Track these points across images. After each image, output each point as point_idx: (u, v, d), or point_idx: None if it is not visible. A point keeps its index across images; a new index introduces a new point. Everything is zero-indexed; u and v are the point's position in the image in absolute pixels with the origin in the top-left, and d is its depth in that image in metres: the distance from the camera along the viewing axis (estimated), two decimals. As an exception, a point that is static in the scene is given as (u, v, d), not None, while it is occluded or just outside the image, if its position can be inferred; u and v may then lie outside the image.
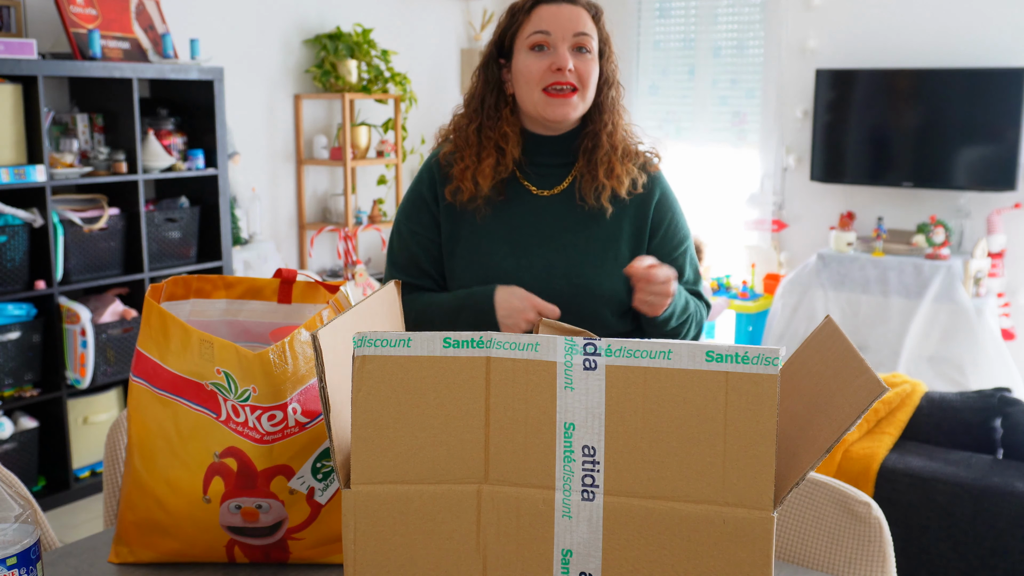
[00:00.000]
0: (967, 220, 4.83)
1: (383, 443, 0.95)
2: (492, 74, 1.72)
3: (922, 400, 2.79)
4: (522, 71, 1.66)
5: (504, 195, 1.72)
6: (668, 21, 5.57)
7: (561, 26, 1.64)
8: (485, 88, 1.72)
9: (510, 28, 1.69)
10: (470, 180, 1.70)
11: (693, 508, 0.92)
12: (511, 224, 1.72)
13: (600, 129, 1.70)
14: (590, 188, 1.70)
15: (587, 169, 1.70)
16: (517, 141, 1.70)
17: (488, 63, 1.73)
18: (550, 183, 1.74)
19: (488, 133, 1.70)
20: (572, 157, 1.73)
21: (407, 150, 5.33)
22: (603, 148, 1.69)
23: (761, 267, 5.41)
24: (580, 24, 1.65)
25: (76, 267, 3.62)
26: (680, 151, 5.56)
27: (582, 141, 1.72)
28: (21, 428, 3.50)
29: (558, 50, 1.64)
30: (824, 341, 1.07)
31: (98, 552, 1.34)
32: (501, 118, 1.70)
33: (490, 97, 1.71)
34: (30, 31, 3.64)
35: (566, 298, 1.67)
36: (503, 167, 1.70)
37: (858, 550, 1.41)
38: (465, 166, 1.71)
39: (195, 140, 4.04)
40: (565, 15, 1.64)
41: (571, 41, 1.64)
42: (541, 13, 1.65)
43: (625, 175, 1.70)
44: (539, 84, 1.65)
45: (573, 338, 0.93)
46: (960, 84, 4.68)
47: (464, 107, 1.77)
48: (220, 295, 1.43)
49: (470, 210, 1.73)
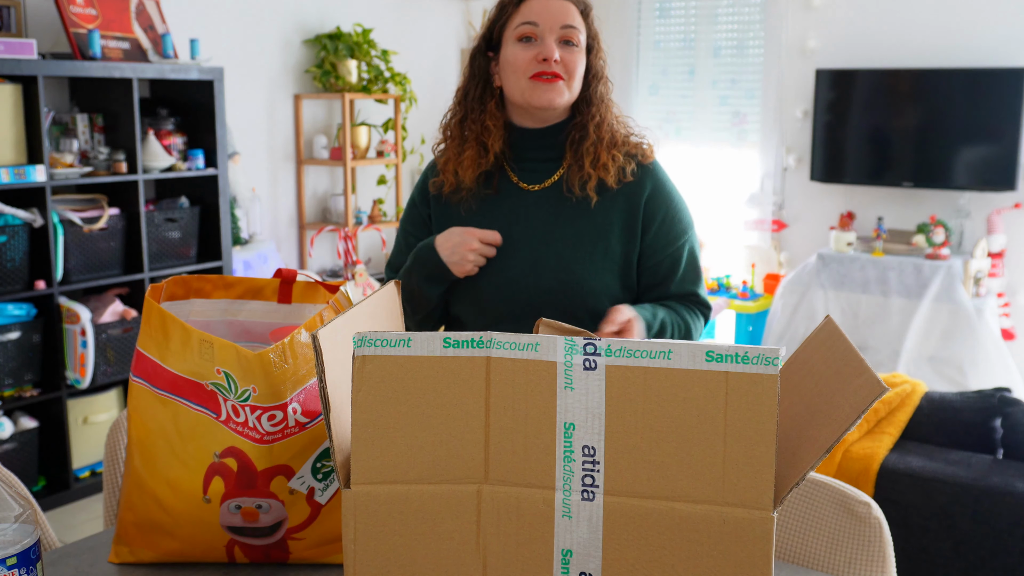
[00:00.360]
0: (967, 220, 4.83)
1: (383, 443, 0.95)
2: (479, 67, 1.74)
3: (922, 400, 2.79)
4: (509, 60, 1.68)
5: (493, 190, 1.74)
6: (668, 21, 5.57)
7: (549, 18, 1.66)
8: (471, 81, 1.75)
9: (499, 21, 1.71)
10: (451, 172, 1.73)
11: (693, 508, 0.92)
12: (498, 219, 1.73)
13: (587, 121, 1.70)
14: (576, 178, 1.70)
15: (574, 160, 1.71)
16: (500, 135, 1.72)
17: (476, 56, 1.75)
18: (538, 178, 1.74)
19: (471, 126, 1.73)
20: (560, 151, 1.73)
21: (407, 150, 5.33)
22: (590, 138, 1.69)
23: (761, 267, 5.41)
24: (568, 17, 1.67)
25: (76, 267, 3.62)
26: (680, 151, 5.57)
27: (569, 133, 1.72)
28: (21, 428, 3.50)
29: (545, 41, 1.65)
30: (824, 341, 1.07)
31: (98, 552, 1.34)
32: (485, 111, 1.72)
33: (475, 90, 1.74)
34: (30, 31, 3.64)
35: (555, 294, 1.68)
36: (484, 160, 1.72)
37: (858, 550, 1.41)
38: (447, 158, 1.75)
39: (195, 140, 4.04)
40: (554, 8, 1.66)
41: (558, 33, 1.66)
42: (531, 5, 1.67)
43: (612, 163, 1.69)
44: (525, 73, 1.66)
45: (573, 338, 0.93)
46: (960, 84, 4.68)
47: (453, 100, 1.80)
48: (220, 295, 1.43)
49: (455, 203, 1.75)
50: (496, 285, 1.70)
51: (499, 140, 1.72)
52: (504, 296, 1.69)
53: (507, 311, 1.69)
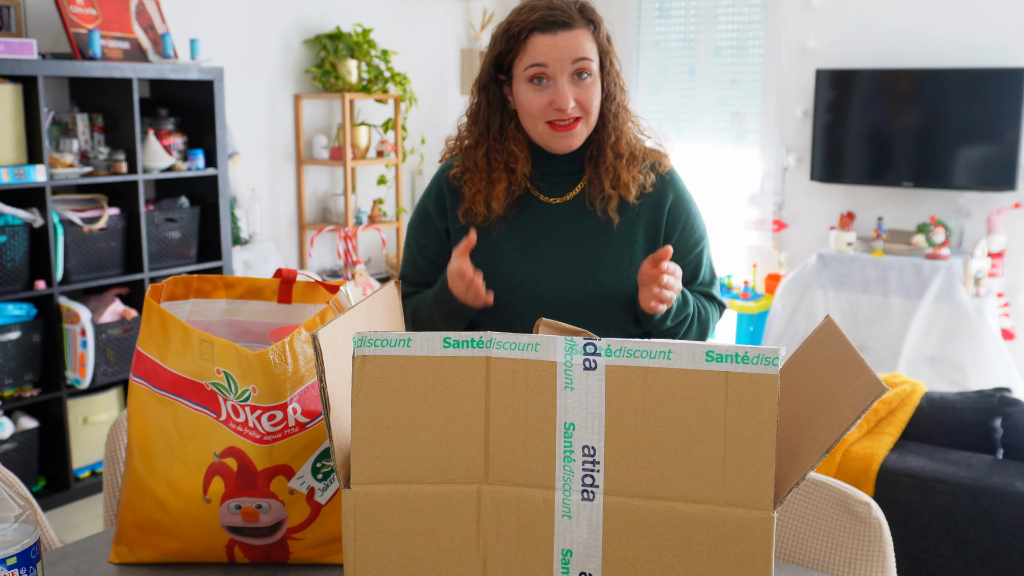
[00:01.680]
0: (967, 220, 4.83)
1: (383, 443, 0.95)
2: (494, 95, 1.69)
3: (922, 400, 2.79)
4: (523, 104, 1.64)
5: (517, 206, 1.71)
6: (668, 21, 5.56)
7: (558, 56, 1.59)
8: (489, 111, 1.69)
9: (507, 54, 1.65)
10: (482, 204, 1.69)
11: (693, 508, 0.92)
12: (524, 234, 1.71)
13: (604, 141, 1.69)
14: (598, 196, 1.69)
15: (595, 176, 1.70)
16: (527, 157, 1.69)
17: (488, 84, 1.69)
18: (561, 191, 1.73)
19: (496, 156, 1.68)
20: (580, 166, 1.72)
21: (407, 150, 5.33)
22: (607, 159, 1.68)
23: (762, 267, 5.41)
24: (579, 50, 1.60)
25: (76, 267, 3.62)
26: (680, 151, 5.53)
27: (588, 149, 1.71)
28: (21, 428, 3.50)
29: (558, 83, 1.60)
30: (824, 341, 1.07)
31: (98, 552, 1.34)
32: (507, 137, 1.68)
33: (495, 119, 1.69)
34: (30, 31, 3.64)
35: (583, 304, 1.68)
36: (516, 187, 1.69)
37: (858, 550, 1.41)
38: (476, 190, 1.69)
39: (195, 140, 4.04)
40: (561, 44, 1.59)
41: (570, 69, 1.61)
42: (537, 45, 1.60)
43: (632, 182, 1.69)
44: (541, 118, 1.63)
45: (573, 338, 0.93)
46: (960, 84, 4.68)
47: (469, 126, 1.74)
48: (220, 295, 1.43)
49: (484, 226, 1.72)
50: (524, 298, 1.69)
51: (527, 163, 1.69)
52: (532, 309, 1.67)
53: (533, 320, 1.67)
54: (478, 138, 1.71)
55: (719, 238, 5.48)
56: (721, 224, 5.47)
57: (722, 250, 5.51)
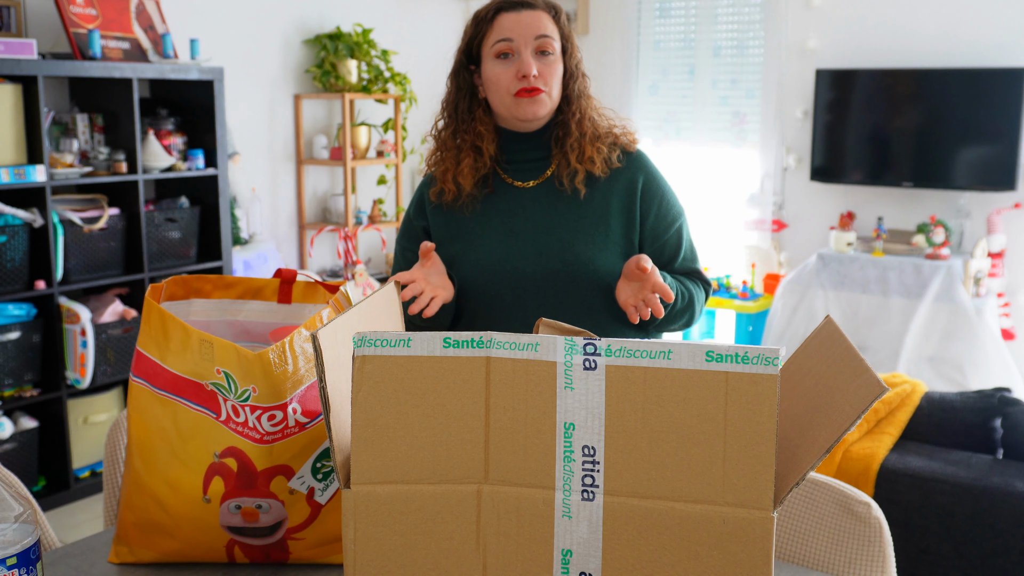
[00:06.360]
0: (967, 220, 4.83)
1: (383, 443, 0.95)
2: (464, 80, 1.81)
3: (922, 400, 2.79)
4: (491, 79, 1.75)
5: (490, 188, 1.81)
6: (668, 21, 5.56)
7: (522, 32, 1.72)
8: (458, 95, 1.82)
9: (476, 37, 1.78)
10: (451, 182, 1.79)
11: (693, 508, 0.92)
12: (498, 215, 1.79)
13: (569, 118, 1.78)
14: (565, 173, 1.78)
15: (562, 156, 1.79)
16: (492, 138, 1.80)
17: (459, 70, 1.81)
18: (530, 176, 1.81)
19: (464, 136, 1.80)
20: (547, 151, 1.81)
21: (407, 150, 5.33)
22: (572, 135, 1.78)
23: (761, 267, 5.41)
24: (540, 27, 1.74)
25: (76, 267, 3.62)
26: (680, 151, 5.56)
27: (554, 131, 1.80)
28: (21, 428, 3.50)
29: (522, 56, 1.73)
30: (824, 341, 1.07)
31: (98, 552, 1.34)
32: (475, 119, 1.80)
33: (463, 102, 1.81)
34: (30, 31, 3.64)
35: (561, 278, 1.72)
36: (482, 164, 1.79)
37: (858, 550, 1.41)
38: (446, 168, 1.81)
39: (195, 140, 4.04)
40: (525, 21, 1.73)
41: (533, 45, 1.73)
42: (503, 21, 1.74)
43: (597, 155, 1.78)
44: (508, 91, 1.74)
45: (573, 338, 0.93)
46: (960, 84, 4.68)
47: (441, 112, 1.86)
48: (220, 295, 1.43)
49: (456, 208, 1.81)
50: (503, 273, 1.74)
51: (492, 143, 1.80)
52: (512, 283, 1.74)
53: (513, 298, 1.74)
54: (447, 120, 1.84)
55: (719, 238, 5.48)
56: (721, 224, 5.47)
57: (722, 250, 5.51)
